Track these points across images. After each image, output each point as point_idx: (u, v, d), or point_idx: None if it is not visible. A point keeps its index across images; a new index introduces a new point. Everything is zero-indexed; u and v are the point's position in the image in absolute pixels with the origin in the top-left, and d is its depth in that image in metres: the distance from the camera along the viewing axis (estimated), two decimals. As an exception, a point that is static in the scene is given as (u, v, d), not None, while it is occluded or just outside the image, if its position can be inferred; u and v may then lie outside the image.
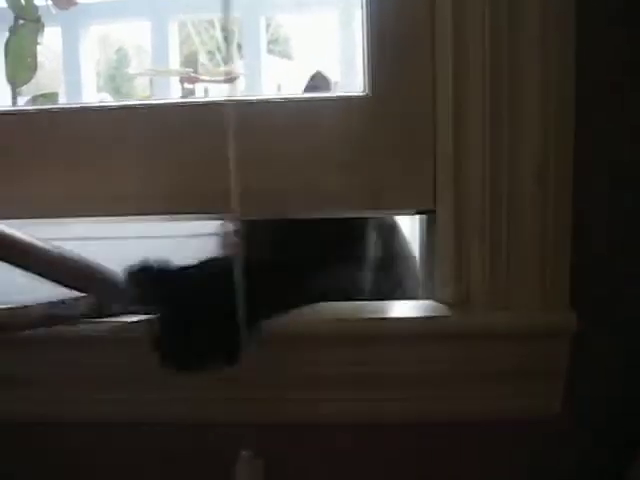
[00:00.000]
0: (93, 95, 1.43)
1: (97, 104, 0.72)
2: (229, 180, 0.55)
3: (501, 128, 0.61)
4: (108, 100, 1.69)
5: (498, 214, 0.61)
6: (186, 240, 0.91)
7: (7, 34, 0.89)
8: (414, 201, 0.64)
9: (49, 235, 0.94)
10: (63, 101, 1.21)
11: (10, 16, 0.93)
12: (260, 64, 1.46)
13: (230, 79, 0.87)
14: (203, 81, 1.11)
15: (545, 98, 0.60)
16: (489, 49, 0.60)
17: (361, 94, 0.64)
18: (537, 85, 0.60)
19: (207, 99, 0.55)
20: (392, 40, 0.63)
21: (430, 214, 0.65)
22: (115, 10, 1.46)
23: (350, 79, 1.27)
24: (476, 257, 0.63)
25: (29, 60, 0.87)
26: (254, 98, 0.66)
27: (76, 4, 0.97)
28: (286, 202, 0.64)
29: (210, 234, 0.79)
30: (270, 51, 1.95)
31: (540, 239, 0.62)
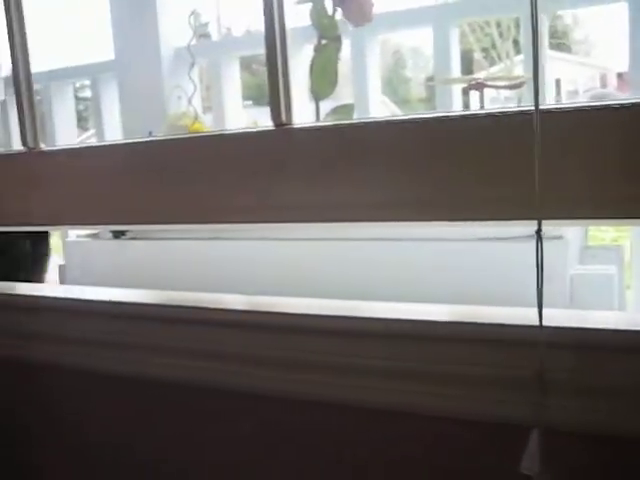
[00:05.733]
0: (378, 100, 1.51)
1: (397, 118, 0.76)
2: (529, 185, 0.57)
3: None
4: (388, 104, 1.77)
5: None
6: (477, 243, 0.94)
7: (311, 52, 0.98)
8: None
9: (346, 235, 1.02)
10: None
11: (310, 33, 1.02)
12: (542, 63, 1.43)
13: (517, 84, 0.88)
14: (490, 87, 1.12)
15: None
16: None
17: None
18: None
19: (505, 110, 0.56)
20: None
21: None
22: (401, 19, 1.52)
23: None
24: None
25: (331, 76, 0.95)
26: (548, 107, 0.66)
27: (370, 21, 1.03)
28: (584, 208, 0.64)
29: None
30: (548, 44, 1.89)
31: None
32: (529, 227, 0.86)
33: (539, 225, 0.53)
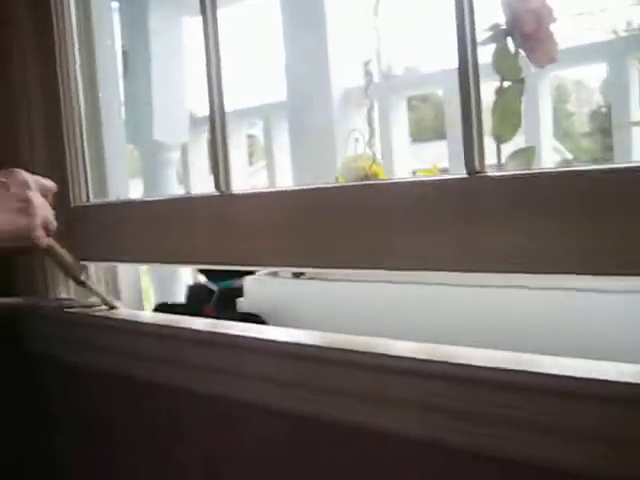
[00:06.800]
0: (550, 141, 1.47)
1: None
2: None
3: None
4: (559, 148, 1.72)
5: None
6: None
7: (494, 96, 0.96)
8: None
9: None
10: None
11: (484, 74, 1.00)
12: None
13: None
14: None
15: None
16: None
17: None
18: None
19: None
20: None
21: None
22: (574, 56, 1.48)
23: None
24: None
25: (514, 119, 0.93)
26: None
27: (555, 61, 1.00)
28: None
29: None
30: None
31: None
32: None
33: None
